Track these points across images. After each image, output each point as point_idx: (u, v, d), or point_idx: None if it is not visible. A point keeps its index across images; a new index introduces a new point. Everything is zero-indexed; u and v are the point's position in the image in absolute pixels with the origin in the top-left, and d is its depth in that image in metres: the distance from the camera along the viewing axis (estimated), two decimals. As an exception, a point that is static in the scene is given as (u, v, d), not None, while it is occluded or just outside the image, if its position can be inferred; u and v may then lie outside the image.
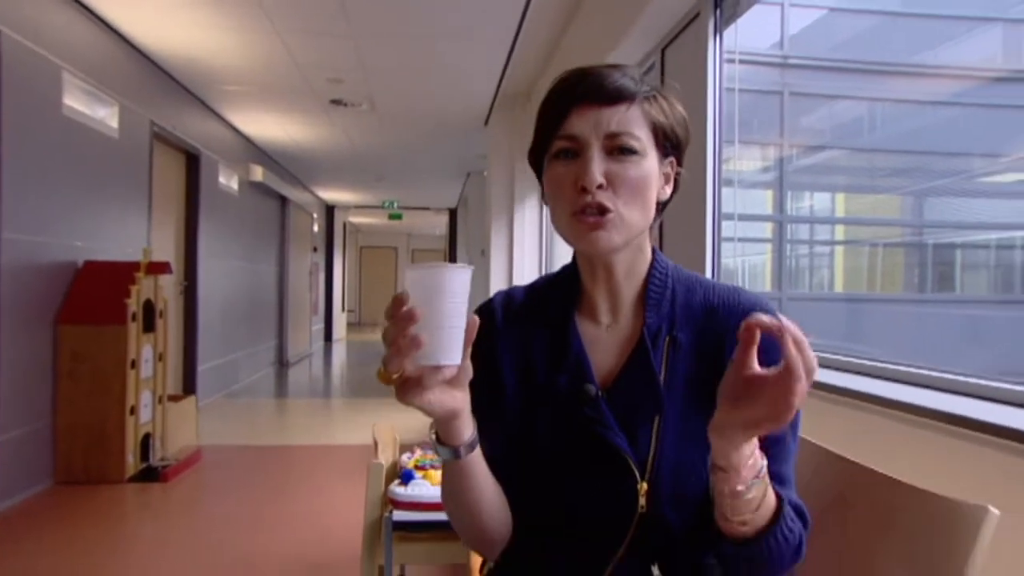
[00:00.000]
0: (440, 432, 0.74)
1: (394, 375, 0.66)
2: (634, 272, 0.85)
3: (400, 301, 0.65)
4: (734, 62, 2.65)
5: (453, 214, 12.93)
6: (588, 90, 0.79)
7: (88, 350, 3.61)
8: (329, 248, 12.91)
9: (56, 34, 3.66)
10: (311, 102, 5.80)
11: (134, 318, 3.69)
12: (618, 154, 0.78)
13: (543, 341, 0.86)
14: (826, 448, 1.04)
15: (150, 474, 3.72)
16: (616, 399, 0.80)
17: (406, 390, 0.67)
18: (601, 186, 0.77)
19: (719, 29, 2.64)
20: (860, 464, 0.97)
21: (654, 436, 0.78)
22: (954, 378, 1.36)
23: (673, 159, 0.85)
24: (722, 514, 0.71)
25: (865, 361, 1.63)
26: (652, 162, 0.81)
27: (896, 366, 1.52)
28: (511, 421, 0.85)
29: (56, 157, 3.68)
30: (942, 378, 1.40)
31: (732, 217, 2.84)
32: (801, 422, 0.82)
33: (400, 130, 6.80)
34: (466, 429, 0.74)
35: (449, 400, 0.69)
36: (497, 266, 6.04)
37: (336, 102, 5.75)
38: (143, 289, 3.82)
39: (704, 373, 0.80)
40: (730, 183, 2.86)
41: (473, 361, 0.71)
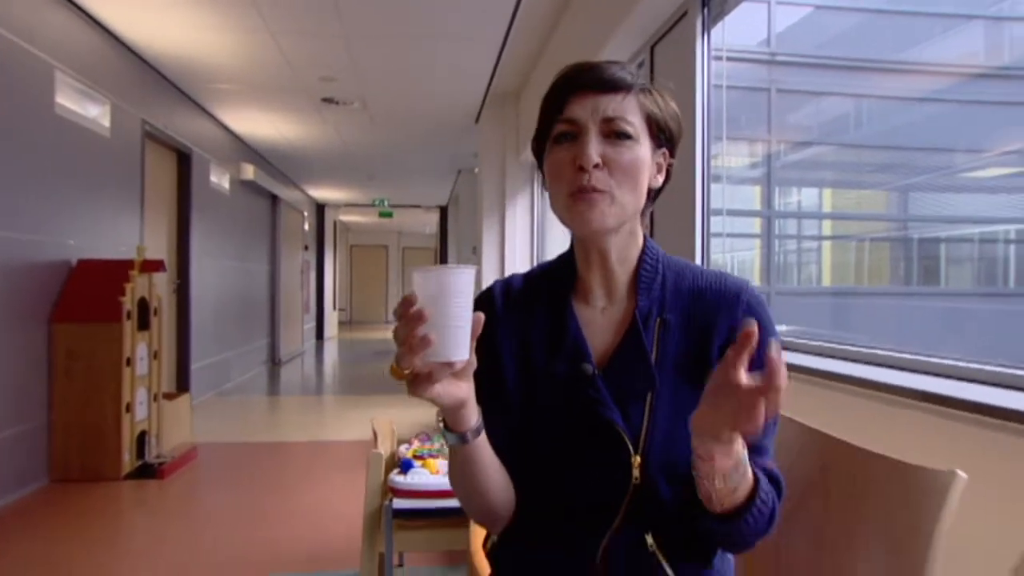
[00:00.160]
0: (448, 420, 0.79)
1: (406, 371, 0.71)
2: (627, 257, 0.90)
3: (409, 302, 0.69)
4: (722, 59, 2.70)
5: (444, 212, 12.95)
6: (587, 79, 0.85)
7: (83, 348, 3.62)
8: (320, 247, 12.91)
9: (49, 33, 3.67)
10: (303, 100, 5.82)
11: (129, 316, 3.71)
12: (614, 138, 0.84)
13: (541, 324, 0.91)
14: (809, 426, 1.09)
15: (146, 471, 3.74)
16: (611, 377, 0.86)
17: (417, 384, 0.72)
18: (597, 165, 0.82)
19: (707, 27, 2.69)
20: (840, 439, 1.03)
21: (647, 412, 0.83)
22: (923, 359, 1.45)
23: (666, 150, 0.90)
24: (703, 495, 0.77)
25: (841, 346, 1.70)
26: (645, 148, 0.86)
27: (870, 349, 1.59)
28: (512, 402, 0.89)
29: (49, 156, 3.69)
30: (912, 359, 1.48)
31: (721, 213, 2.90)
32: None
33: (391, 128, 6.82)
34: (472, 416, 0.79)
35: (456, 391, 0.74)
36: (489, 263, 6.08)
37: (328, 100, 5.77)
38: (137, 287, 3.83)
39: (693, 352, 0.85)
40: (719, 179, 2.91)
41: (476, 350, 0.76)
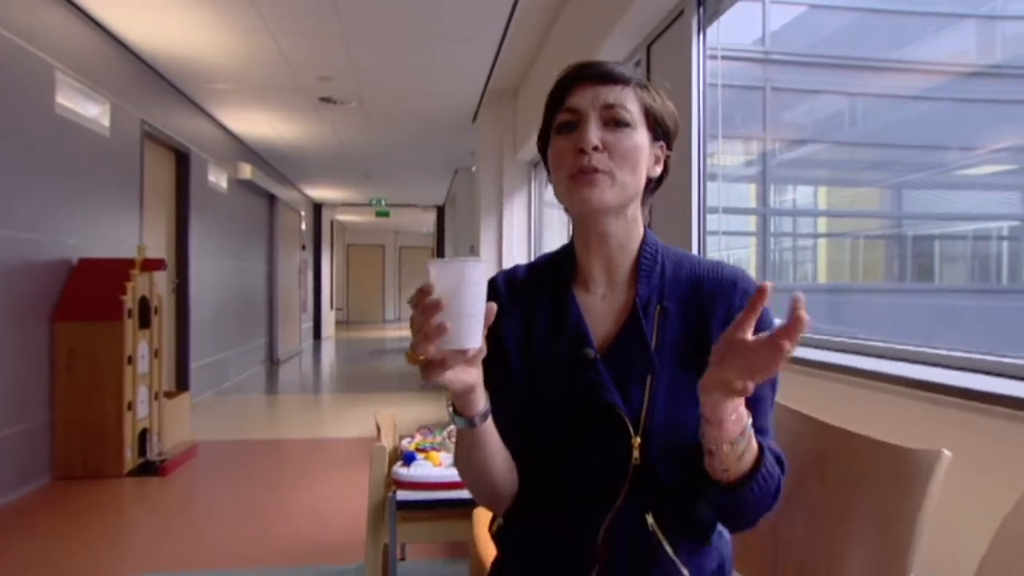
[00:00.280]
0: (457, 404, 0.82)
1: (421, 357, 0.75)
2: (628, 245, 0.94)
3: (425, 292, 0.73)
4: (717, 58, 2.74)
5: (441, 211, 12.97)
6: (588, 73, 0.91)
7: (85, 347, 3.64)
8: (317, 246, 12.92)
9: (48, 34, 3.69)
10: (301, 100, 5.84)
11: (130, 314, 3.73)
12: (613, 126, 0.88)
13: (544, 312, 0.95)
14: (805, 413, 1.13)
15: (148, 468, 3.77)
16: (611, 362, 0.89)
17: (430, 370, 0.75)
18: (596, 148, 0.87)
19: (703, 26, 2.73)
20: (834, 426, 1.07)
21: (646, 395, 0.87)
22: (912, 349, 1.52)
23: (663, 143, 0.95)
24: (710, 463, 0.80)
25: (835, 338, 1.77)
26: (643, 137, 0.90)
27: (862, 341, 1.65)
28: (516, 387, 0.93)
29: (49, 156, 3.71)
30: (902, 349, 1.55)
31: (717, 211, 2.94)
32: (779, 383, 0.91)
33: (389, 127, 6.85)
34: (480, 401, 0.82)
35: (466, 376, 0.78)
36: (486, 261, 6.11)
37: (326, 100, 5.79)
38: (138, 286, 3.86)
39: (691, 338, 0.89)
40: (715, 178, 2.94)
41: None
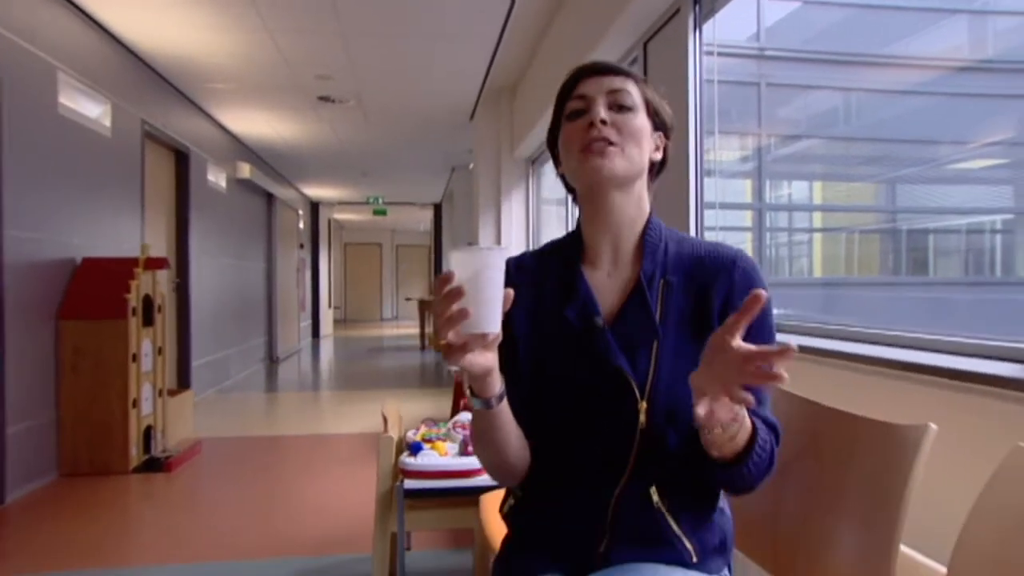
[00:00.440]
0: (475, 387, 0.87)
1: (443, 341, 0.79)
2: (634, 223, 1.00)
3: (446, 279, 0.78)
4: (713, 55, 2.78)
5: (438, 209, 13.01)
6: (594, 66, 1.01)
7: (90, 345, 3.68)
8: (315, 245, 12.95)
9: (50, 35, 3.72)
10: (299, 99, 5.87)
11: (134, 313, 3.77)
12: (617, 109, 0.96)
13: (553, 288, 1.00)
14: (801, 396, 1.18)
15: (154, 465, 3.81)
16: (618, 331, 0.95)
17: (452, 353, 0.80)
18: (604, 122, 0.94)
19: (699, 24, 2.77)
20: (828, 406, 1.12)
21: (652, 362, 0.93)
22: (900, 334, 1.59)
23: (661, 133, 1.02)
24: (705, 443, 0.85)
25: (828, 325, 1.83)
26: (645, 120, 0.98)
27: (853, 328, 1.72)
28: (527, 364, 0.98)
29: (53, 156, 3.74)
30: (890, 335, 1.62)
31: (714, 206, 2.99)
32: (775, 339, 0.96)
33: (386, 125, 6.89)
34: (496, 383, 0.87)
35: (484, 360, 0.83)
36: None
37: (324, 99, 5.83)
38: (142, 284, 3.89)
39: (694, 310, 0.95)
40: (711, 173, 2.99)
41: None
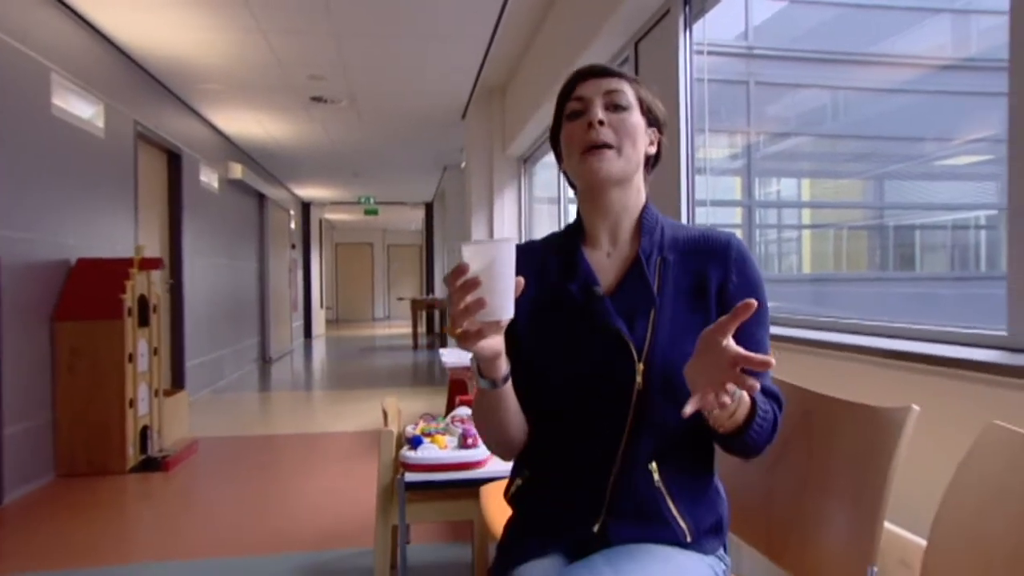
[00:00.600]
0: (483, 368, 0.93)
1: (458, 330, 0.85)
2: (630, 208, 1.07)
3: (461, 271, 0.83)
4: (703, 54, 2.83)
5: (429, 208, 13.03)
6: (591, 69, 1.07)
7: (86, 345, 3.69)
8: (306, 245, 12.93)
9: (43, 36, 3.72)
10: (291, 99, 5.89)
11: (130, 313, 3.78)
12: (613, 109, 1.03)
13: (555, 266, 1.07)
14: (793, 383, 1.23)
15: (151, 464, 3.82)
16: (618, 300, 1.02)
17: (467, 339, 0.86)
18: (602, 123, 1.01)
19: (689, 23, 2.82)
20: (818, 392, 1.17)
21: (649, 327, 0.99)
22: (883, 324, 1.67)
23: (655, 128, 1.09)
24: (707, 419, 0.90)
25: (818, 317, 1.90)
26: (639, 119, 1.05)
27: (841, 319, 1.79)
28: (528, 336, 1.03)
29: (46, 156, 3.75)
30: (875, 325, 1.70)
31: (705, 204, 3.04)
32: (768, 323, 1.03)
33: (379, 125, 6.91)
34: (504, 365, 0.94)
35: (495, 344, 0.89)
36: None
37: (316, 99, 5.84)
38: (137, 285, 3.90)
39: (690, 285, 1.01)
40: (702, 171, 3.04)
41: None
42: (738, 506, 1.23)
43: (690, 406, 0.81)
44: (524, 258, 1.06)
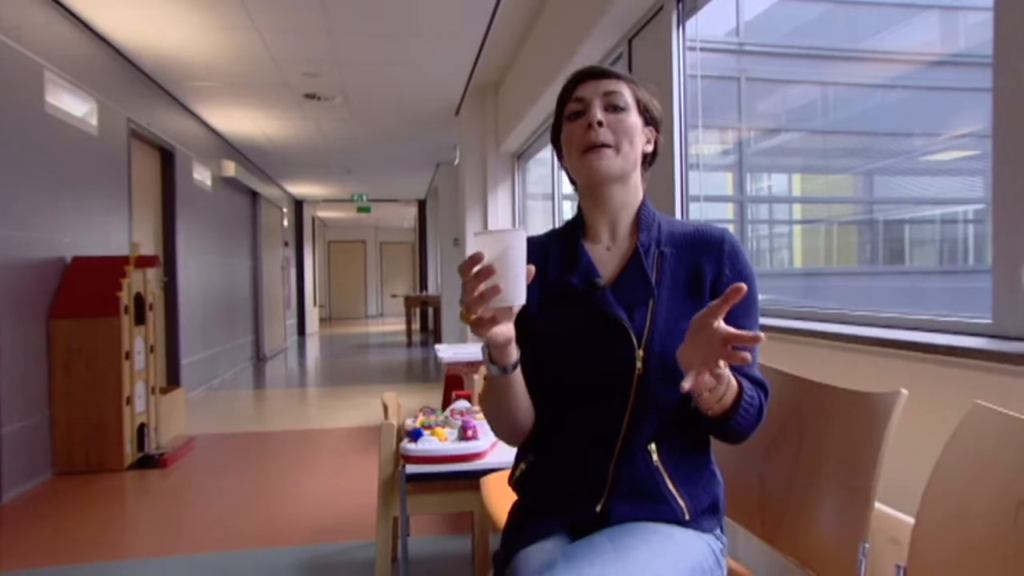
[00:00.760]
0: (494, 355, 0.97)
1: (473, 316, 0.88)
2: (628, 205, 1.12)
3: (476, 259, 0.87)
4: (696, 50, 2.87)
5: (422, 205, 13.03)
6: (591, 71, 1.11)
7: (82, 343, 3.70)
8: (299, 243, 12.91)
9: (36, 33, 3.71)
10: (285, 97, 5.89)
11: (126, 311, 3.79)
12: (612, 110, 1.07)
13: (558, 259, 1.12)
14: (786, 372, 1.27)
15: (148, 462, 3.83)
16: (618, 291, 1.06)
17: (481, 326, 0.90)
18: (601, 123, 1.05)
19: (682, 20, 2.86)
20: (810, 380, 1.21)
21: (648, 315, 1.03)
22: (871, 314, 1.72)
23: (651, 128, 1.13)
24: (696, 402, 0.95)
25: (809, 308, 1.95)
26: (637, 119, 1.09)
27: (831, 309, 1.85)
28: (535, 326, 1.07)
29: (40, 154, 3.74)
30: (863, 315, 1.75)
31: (699, 199, 3.07)
32: (759, 315, 1.08)
33: (371, 122, 6.91)
34: (514, 352, 0.98)
35: (507, 331, 0.94)
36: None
37: (310, 96, 5.84)
38: (133, 282, 3.91)
39: (686, 276, 1.06)
40: (695, 167, 3.08)
41: None
42: (733, 490, 1.27)
43: (687, 382, 0.85)
44: (529, 251, 1.11)
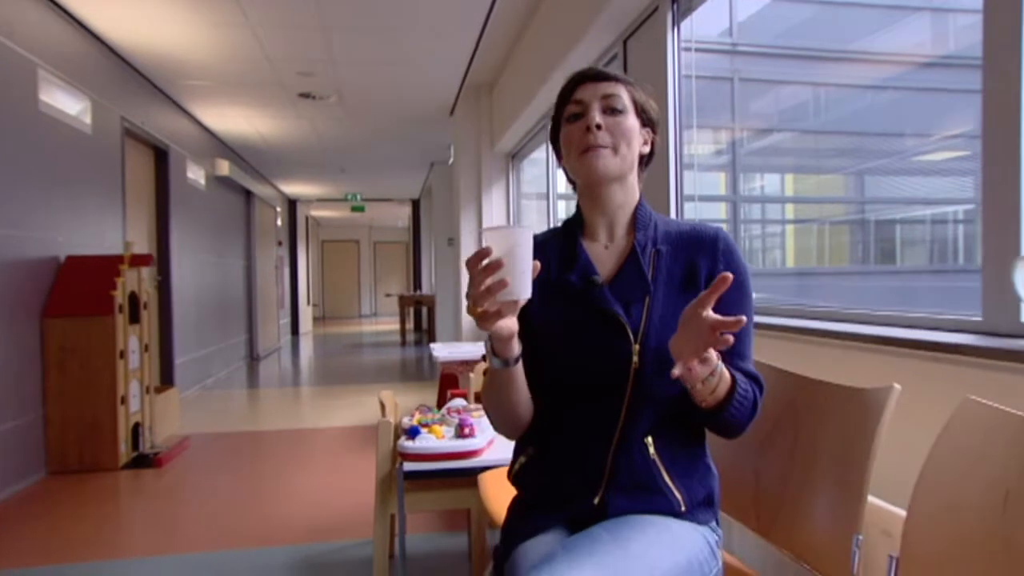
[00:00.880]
0: (497, 348, 1.00)
1: (479, 309, 0.90)
2: (625, 205, 1.14)
3: (483, 254, 0.89)
4: (690, 51, 2.89)
5: (416, 205, 13.02)
6: (590, 74, 1.13)
7: (76, 342, 3.68)
8: (293, 242, 12.89)
9: (29, 31, 3.70)
10: (280, 96, 5.88)
11: (121, 309, 3.78)
12: (610, 113, 1.09)
13: (557, 257, 1.13)
14: (780, 368, 1.29)
15: (143, 461, 3.83)
16: (615, 288, 1.08)
17: (486, 319, 0.93)
18: (599, 126, 1.07)
19: (677, 21, 2.88)
20: (805, 376, 1.23)
21: (644, 312, 1.06)
22: (865, 312, 1.74)
23: (649, 129, 1.15)
24: (691, 394, 0.96)
25: (803, 306, 1.97)
26: (634, 121, 1.11)
27: (825, 307, 1.87)
28: (536, 321, 1.08)
29: (34, 153, 3.73)
30: (857, 313, 1.77)
31: (693, 199, 3.10)
32: (753, 310, 1.10)
33: (366, 122, 6.91)
34: (517, 346, 1.01)
35: (512, 324, 0.97)
36: (467, 254, 6.22)
37: (304, 95, 5.84)
38: (127, 281, 3.90)
39: (682, 273, 1.08)
40: (689, 167, 3.10)
41: None
42: (729, 485, 1.28)
43: (677, 369, 0.88)
44: None
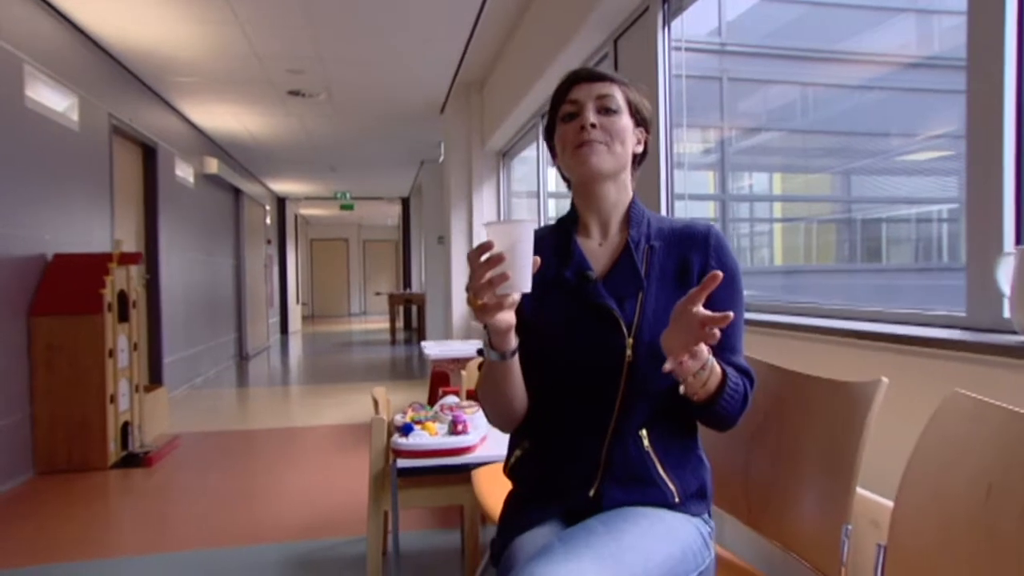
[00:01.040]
0: (495, 341, 1.01)
1: (479, 302, 0.91)
2: (619, 203, 1.16)
3: (485, 248, 0.91)
4: (680, 50, 2.92)
5: (406, 203, 13.00)
6: (585, 74, 1.14)
7: (64, 341, 3.66)
8: (282, 240, 12.82)
9: (16, 27, 3.67)
10: (269, 93, 5.85)
11: (110, 308, 3.75)
12: (604, 113, 1.11)
13: (552, 253, 1.15)
14: (768, 363, 1.31)
15: (132, 460, 3.81)
16: (609, 284, 1.10)
17: (486, 311, 0.94)
18: (594, 125, 1.09)
19: (667, 21, 2.90)
20: (792, 371, 1.25)
21: (638, 306, 1.08)
22: (850, 308, 1.78)
23: (642, 128, 1.17)
24: (683, 388, 0.98)
25: (790, 303, 2.01)
26: (628, 121, 1.13)
27: (811, 304, 1.90)
28: (531, 316, 1.10)
29: (20, 150, 3.70)
30: (843, 309, 1.81)
31: (683, 198, 3.13)
32: (744, 306, 1.13)
33: (356, 120, 6.89)
34: (514, 339, 1.02)
35: (510, 318, 0.98)
36: (457, 252, 6.22)
37: (294, 93, 5.82)
38: (116, 279, 3.87)
39: (675, 269, 1.10)
40: (680, 166, 3.13)
41: None
42: (720, 478, 1.31)
43: (668, 363, 0.90)
44: None
